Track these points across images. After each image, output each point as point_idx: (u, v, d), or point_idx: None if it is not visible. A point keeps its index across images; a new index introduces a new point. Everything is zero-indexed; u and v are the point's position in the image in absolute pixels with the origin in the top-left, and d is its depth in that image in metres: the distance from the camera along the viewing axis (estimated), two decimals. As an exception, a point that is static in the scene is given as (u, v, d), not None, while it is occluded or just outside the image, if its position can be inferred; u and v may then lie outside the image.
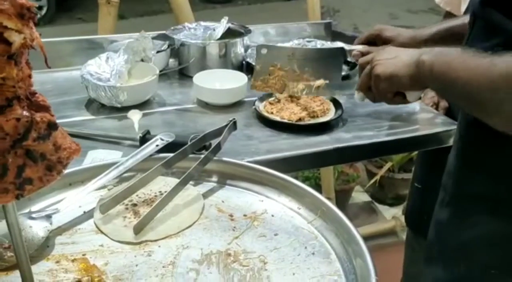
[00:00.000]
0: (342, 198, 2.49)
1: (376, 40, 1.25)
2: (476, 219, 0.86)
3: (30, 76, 0.53)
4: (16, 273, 0.67)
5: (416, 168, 1.51)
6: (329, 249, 0.75)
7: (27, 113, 0.51)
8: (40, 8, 5.81)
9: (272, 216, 0.83)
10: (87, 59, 1.32)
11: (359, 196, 2.76)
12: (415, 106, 1.26)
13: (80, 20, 5.95)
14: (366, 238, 2.32)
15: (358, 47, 1.25)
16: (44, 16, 5.83)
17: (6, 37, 0.47)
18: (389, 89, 0.98)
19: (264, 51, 1.27)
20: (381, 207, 2.69)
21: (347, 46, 1.30)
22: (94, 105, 1.27)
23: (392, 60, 0.93)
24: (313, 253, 0.75)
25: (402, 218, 2.47)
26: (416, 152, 2.41)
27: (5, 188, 0.51)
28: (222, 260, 0.73)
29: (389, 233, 2.47)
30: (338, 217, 0.78)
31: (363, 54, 1.18)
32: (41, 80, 1.37)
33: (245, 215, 0.83)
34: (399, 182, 2.61)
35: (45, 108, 0.54)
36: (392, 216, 2.55)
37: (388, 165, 2.55)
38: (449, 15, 1.44)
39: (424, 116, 1.23)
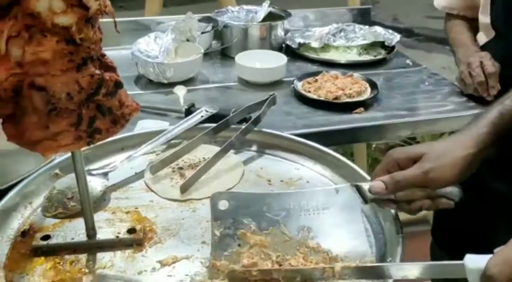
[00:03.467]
0: (374, 185, 2.51)
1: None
2: None
3: (101, 40, 0.60)
4: (78, 220, 0.76)
5: None
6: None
7: (98, 72, 0.59)
8: (84, -5, 6.00)
9: (307, 182, 0.89)
10: (135, 39, 1.41)
11: (392, 184, 2.77)
12: (452, 88, 1.29)
13: (122, 8, 6.10)
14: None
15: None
16: (89, 3, 6.02)
17: (85, 3, 0.55)
18: None
19: None
20: (414, 196, 2.70)
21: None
22: (143, 81, 1.36)
23: None
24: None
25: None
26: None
27: (79, 135, 0.59)
28: (259, 217, 0.80)
29: (420, 221, 2.48)
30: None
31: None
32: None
33: (282, 181, 0.90)
34: (433, 171, 2.61)
35: (112, 68, 0.62)
36: (424, 204, 2.55)
37: (422, 154, 2.56)
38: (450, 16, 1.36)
39: (458, 99, 1.26)
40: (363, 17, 1.82)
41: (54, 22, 0.54)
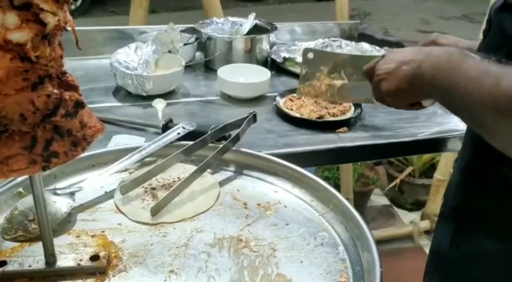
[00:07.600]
0: (360, 200, 2.49)
1: None
2: (470, 235, 0.86)
3: (61, 56, 0.56)
4: (39, 244, 0.71)
5: None
6: (338, 241, 0.77)
7: (56, 91, 0.55)
8: (75, -1, 5.96)
9: (285, 206, 0.85)
10: (117, 48, 1.37)
11: (379, 199, 2.75)
12: (436, 109, 1.27)
13: (113, 13, 6.07)
14: (383, 241, 2.30)
15: None
16: (79, 7, 5.97)
17: (42, 19, 0.50)
18: (402, 103, 0.90)
19: (310, 56, 1.20)
20: (400, 212, 2.68)
21: None
22: (121, 93, 1.32)
23: (394, 72, 0.83)
24: (322, 244, 0.77)
25: (420, 224, 2.46)
26: (438, 158, 2.41)
27: (33, 159, 0.55)
28: (233, 245, 0.76)
29: (406, 237, 2.46)
30: (349, 211, 0.79)
31: None
32: (72, 67, 1.39)
33: (258, 204, 0.86)
34: (419, 187, 2.59)
35: (73, 87, 0.58)
36: (410, 221, 2.53)
37: (408, 170, 2.54)
38: None
39: (443, 120, 1.24)
40: (351, 31, 1.80)
41: (7, 38, 0.50)
